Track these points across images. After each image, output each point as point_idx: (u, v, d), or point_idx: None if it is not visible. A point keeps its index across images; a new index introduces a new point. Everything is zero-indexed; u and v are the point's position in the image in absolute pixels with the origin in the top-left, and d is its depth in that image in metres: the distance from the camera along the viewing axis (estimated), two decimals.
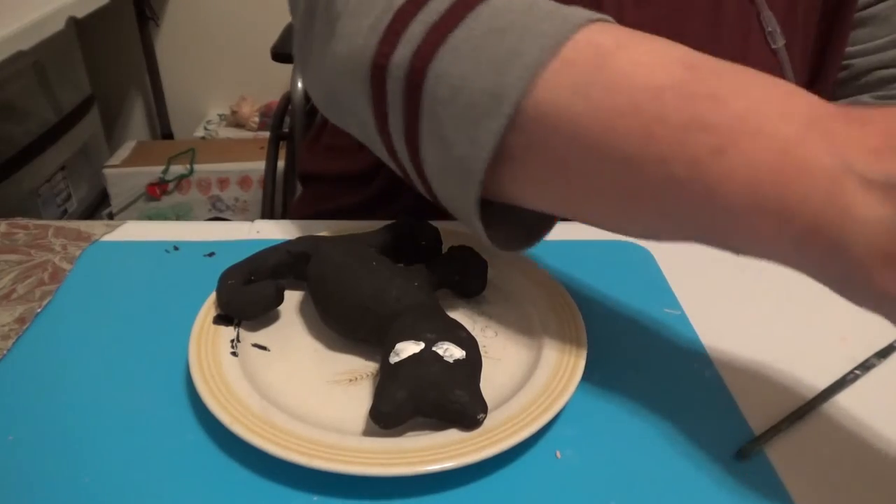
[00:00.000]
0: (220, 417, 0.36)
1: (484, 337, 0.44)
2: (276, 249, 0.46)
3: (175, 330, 0.44)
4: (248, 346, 0.43)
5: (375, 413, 0.35)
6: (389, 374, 0.36)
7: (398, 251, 0.47)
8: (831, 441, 0.39)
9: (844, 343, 0.46)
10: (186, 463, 0.36)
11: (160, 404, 0.40)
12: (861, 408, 0.41)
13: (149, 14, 2.15)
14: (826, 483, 0.36)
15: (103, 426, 0.38)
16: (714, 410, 0.40)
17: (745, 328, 0.47)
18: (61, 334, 0.45)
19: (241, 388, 0.38)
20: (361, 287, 0.41)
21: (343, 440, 0.35)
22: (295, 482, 0.35)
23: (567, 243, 0.55)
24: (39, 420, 0.39)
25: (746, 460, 0.37)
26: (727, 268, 0.53)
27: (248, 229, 0.56)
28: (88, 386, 0.41)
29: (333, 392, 0.40)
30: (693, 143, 0.30)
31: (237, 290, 0.44)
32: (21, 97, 1.68)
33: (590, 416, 0.40)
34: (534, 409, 0.37)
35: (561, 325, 0.43)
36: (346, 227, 0.52)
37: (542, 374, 0.40)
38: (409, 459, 0.34)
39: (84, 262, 0.52)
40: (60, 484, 0.35)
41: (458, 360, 0.37)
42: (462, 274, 0.46)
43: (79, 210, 1.94)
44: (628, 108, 0.32)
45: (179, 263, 0.52)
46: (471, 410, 0.36)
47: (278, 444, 0.34)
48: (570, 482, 0.36)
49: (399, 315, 0.40)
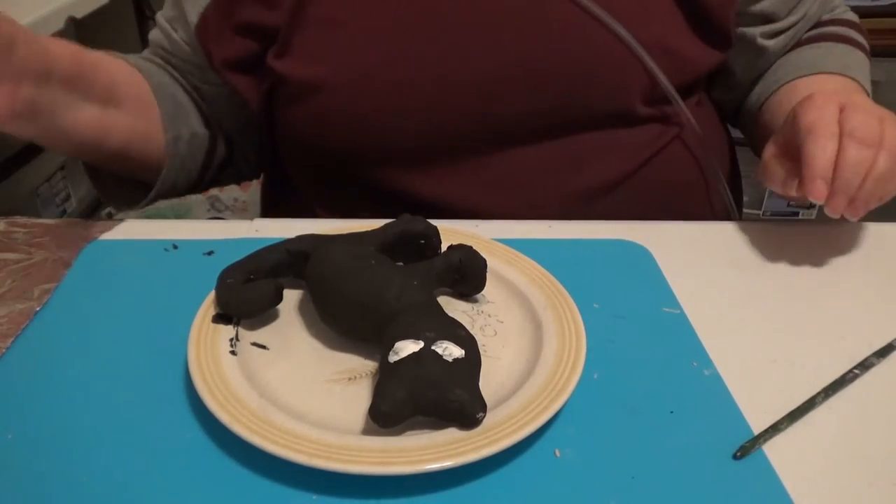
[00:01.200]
0: (219, 416, 0.36)
1: (483, 336, 0.44)
2: (276, 248, 0.46)
3: (174, 329, 0.44)
4: (248, 344, 0.43)
5: (375, 412, 0.35)
6: (389, 373, 0.36)
7: (397, 250, 0.47)
8: (830, 440, 0.39)
9: (844, 342, 0.46)
10: (185, 462, 0.36)
11: (159, 403, 0.40)
12: (860, 407, 0.41)
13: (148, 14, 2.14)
14: (825, 482, 0.36)
15: (102, 425, 0.38)
16: (713, 409, 0.40)
17: (744, 328, 0.47)
18: (60, 333, 0.45)
19: (241, 387, 0.38)
20: (361, 286, 0.41)
21: (342, 439, 0.35)
22: (294, 481, 0.35)
23: (566, 242, 0.55)
24: (38, 418, 0.39)
25: (745, 459, 0.37)
26: (726, 267, 0.53)
27: (247, 228, 0.56)
28: (87, 384, 0.41)
29: (333, 391, 0.40)
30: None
31: (236, 288, 0.44)
32: None
33: (589, 415, 0.40)
34: (533, 408, 0.37)
35: (560, 324, 0.43)
36: (345, 226, 0.52)
37: (541, 372, 0.40)
38: (409, 458, 0.34)
39: (83, 261, 0.52)
40: (59, 482, 0.35)
41: (457, 359, 0.37)
42: (461, 273, 0.46)
43: (78, 210, 1.94)
44: None
45: (178, 262, 0.52)
46: (470, 409, 0.36)
47: (277, 442, 0.34)
48: (570, 481, 0.36)
49: (398, 314, 0.40)
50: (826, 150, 0.48)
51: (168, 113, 0.64)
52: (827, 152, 0.48)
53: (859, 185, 0.48)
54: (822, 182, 0.48)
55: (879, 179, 0.48)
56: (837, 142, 0.48)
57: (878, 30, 1.23)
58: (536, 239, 0.54)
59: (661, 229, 0.57)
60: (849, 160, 0.48)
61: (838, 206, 0.48)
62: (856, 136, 0.48)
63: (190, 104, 0.68)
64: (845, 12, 0.74)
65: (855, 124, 0.49)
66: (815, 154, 0.48)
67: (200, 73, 0.68)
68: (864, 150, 0.48)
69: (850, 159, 0.48)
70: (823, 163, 0.48)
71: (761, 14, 0.67)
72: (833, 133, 0.49)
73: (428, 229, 0.47)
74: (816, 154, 0.48)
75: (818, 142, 0.48)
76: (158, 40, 0.70)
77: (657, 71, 0.60)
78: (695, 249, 0.55)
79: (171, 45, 0.68)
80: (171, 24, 0.68)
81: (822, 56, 0.68)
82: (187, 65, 0.68)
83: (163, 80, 0.66)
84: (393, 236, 0.47)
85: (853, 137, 0.48)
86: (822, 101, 0.51)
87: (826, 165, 0.48)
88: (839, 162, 0.48)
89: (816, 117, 0.50)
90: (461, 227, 0.53)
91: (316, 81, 0.60)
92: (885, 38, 1.22)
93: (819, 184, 0.48)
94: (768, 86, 0.69)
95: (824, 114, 0.50)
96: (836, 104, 0.51)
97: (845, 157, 0.48)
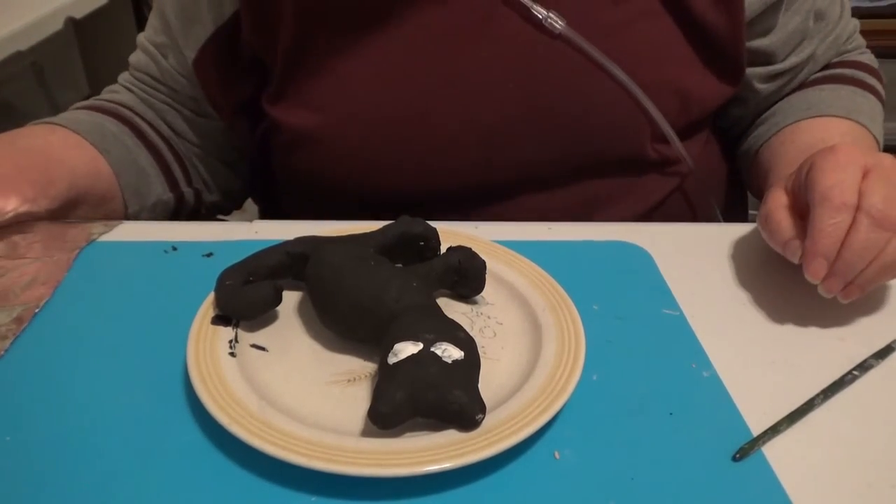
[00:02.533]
0: (218, 418, 0.36)
1: (482, 337, 0.44)
2: (275, 250, 0.46)
3: (173, 330, 0.44)
4: (247, 346, 0.42)
5: (374, 413, 0.35)
6: (388, 375, 0.36)
7: (397, 252, 0.47)
8: (829, 442, 0.39)
9: (843, 344, 0.46)
10: (184, 464, 0.36)
11: (158, 405, 0.40)
12: (859, 408, 0.41)
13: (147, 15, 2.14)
14: (824, 483, 0.36)
15: (101, 427, 0.38)
16: (712, 411, 0.40)
17: (743, 329, 0.47)
18: (59, 335, 0.45)
19: (240, 389, 0.38)
20: (360, 288, 0.41)
21: (341, 441, 0.35)
22: (293, 483, 0.35)
23: (565, 244, 0.55)
24: (37, 421, 0.39)
25: (745, 460, 0.37)
26: (725, 269, 0.53)
27: (246, 230, 0.56)
28: (86, 387, 0.41)
29: (332, 392, 0.40)
30: None
31: (235, 290, 0.44)
32: (19, 98, 1.67)
33: (588, 416, 0.40)
34: (532, 410, 0.37)
35: (559, 325, 0.43)
36: (344, 227, 0.52)
37: (541, 374, 0.40)
38: (408, 460, 0.34)
39: (82, 263, 0.52)
40: (58, 485, 0.35)
41: (456, 361, 0.37)
42: (460, 274, 0.46)
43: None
44: None
45: (178, 264, 0.52)
46: (469, 411, 0.36)
47: (277, 444, 0.34)
48: (569, 482, 0.36)
49: (397, 316, 0.40)
50: (837, 226, 0.43)
51: (130, 186, 0.62)
52: (837, 229, 0.43)
53: (862, 269, 0.43)
54: (824, 261, 0.43)
55: (885, 266, 0.44)
56: (851, 215, 0.43)
57: (878, 30, 1.23)
58: (536, 241, 0.54)
59: (660, 231, 0.57)
60: (857, 242, 0.43)
61: (832, 288, 0.44)
62: (873, 214, 0.42)
63: (154, 169, 0.65)
64: (861, 54, 0.70)
65: (875, 200, 0.43)
66: (822, 228, 0.43)
67: (194, 104, 0.66)
68: (877, 231, 0.43)
69: (859, 242, 0.43)
70: (830, 241, 0.43)
71: (761, 52, 0.64)
72: (849, 205, 0.43)
73: (427, 231, 0.47)
74: (825, 228, 0.43)
75: (830, 214, 0.43)
76: (143, 65, 0.67)
77: (660, 117, 0.58)
78: (694, 251, 0.55)
79: (162, 74, 0.66)
80: (159, 50, 0.65)
81: (825, 98, 0.64)
82: (179, 95, 0.66)
83: (122, 151, 0.63)
84: (392, 238, 0.47)
85: (870, 215, 0.43)
86: (846, 160, 0.45)
87: (832, 243, 0.43)
88: (847, 241, 0.43)
89: (834, 182, 0.44)
90: (460, 229, 0.53)
91: (312, 131, 0.59)
92: (885, 38, 1.22)
93: (819, 262, 0.43)
94: (768, 128, 0.65)
95: (844, 177, 0.44)
96: (859, 166, 0.45)
97: (855, 237, 0.43)
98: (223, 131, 0.68)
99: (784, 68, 0.65)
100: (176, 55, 0.65)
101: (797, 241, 0.46)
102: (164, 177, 0.66)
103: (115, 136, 0.63)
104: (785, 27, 0.63)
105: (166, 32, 0.64)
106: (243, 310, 0.43)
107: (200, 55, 0.63)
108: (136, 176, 0.63)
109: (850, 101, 0.64)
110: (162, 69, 0.66)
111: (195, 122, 0.68)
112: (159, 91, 0.67)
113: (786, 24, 0.63)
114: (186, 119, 0.68)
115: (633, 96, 0.57)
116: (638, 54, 0.57)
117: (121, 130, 0.64)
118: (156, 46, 0.66)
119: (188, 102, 0.67)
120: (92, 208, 0.59)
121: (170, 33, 0.64)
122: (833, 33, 0.66)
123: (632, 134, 0.59)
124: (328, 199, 0.63)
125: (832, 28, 0.66)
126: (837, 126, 0.62)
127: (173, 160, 0.67)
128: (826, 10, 0.65)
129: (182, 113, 0.67)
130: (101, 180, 0.60)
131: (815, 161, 0.46)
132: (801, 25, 0.63)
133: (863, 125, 0.62)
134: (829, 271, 0.44)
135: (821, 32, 0.66)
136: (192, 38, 0.63)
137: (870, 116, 0.63)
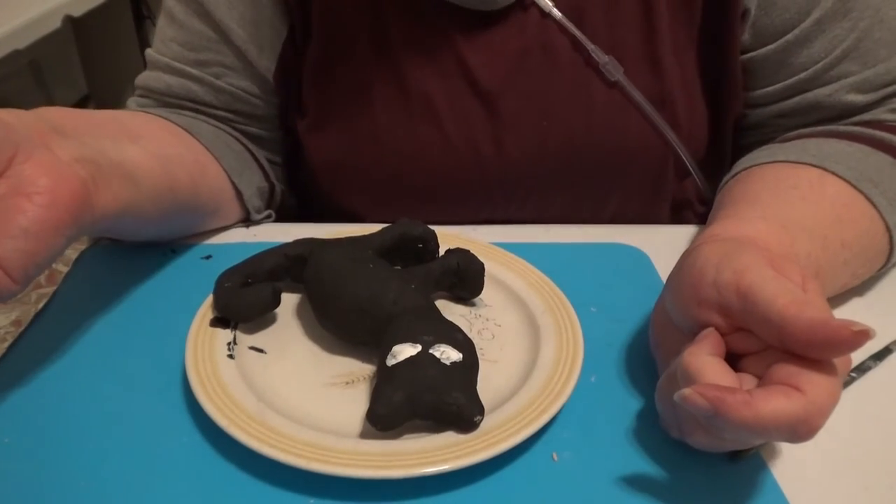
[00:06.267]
0: (216, 420, 0.36)
1: (481, 339, 0.44)
2: (273, 252, 0.46)
3: (172, 333, 0.44)
4: (245, 348, 0.43)
5: (372, 415, 0.35)
6: (386, 377, 0.36)
7: (395, 254, 0.47)
8: (827, 443, 0.39)
9: None
10: (183, 466, 0.36)
11: (156, 407, 0.40)
12: (857, 410, 0.41)
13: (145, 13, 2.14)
14: (821, 485, 0.36)
15: (99, 429, 0.38)
16: None
17: None
18: (58, 337, 0.45)
19: (238, 391, 0.38)
20: (358, 290, 0.41)
21: (340, 442, 0.35)
22: (292, 485, 0.35)
23: (563, 246, 0.55)
24: (35, 423, 0.39)
25: (742, 461, 0.37)
26: None
27: (245, 232, 0.56)
28: (85, 389, 0.41)
29: (330, 394, 0.40)
30: None
31: (234, 292, 0.44)
32: (17, 96, 1.67)
33: (586, 418, 0.40)
34: (531, 412, 0.37)
35: (557, 327, 0.43)
36: (343, 230, 0.52)
37: (539, 376, 0.40)
38: (406, 462, 0.34)
39: (81, 265, 0.52)
40: (57, 487, 0.35)
41: (454, 363, 0.37)
42: (459, 276, 0.46)
43: None
44: None
45: (176, 266, 0.52)
46: (468, 413, 0.36)
47: (275, 446, 0.34)
48: (567, 484, 0.36)
49: (396, 318, 0.40)
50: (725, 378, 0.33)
51: (234, 169, 0.55)
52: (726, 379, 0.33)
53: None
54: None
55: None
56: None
57: None
58: (534, 243, 0.54)
59: (658, 233, 0.57)
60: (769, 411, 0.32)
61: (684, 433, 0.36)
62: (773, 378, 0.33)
63: (247, 154, 0.60)
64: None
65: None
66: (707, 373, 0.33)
67: (258, 122, 0.60)
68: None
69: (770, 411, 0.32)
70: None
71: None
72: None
73: (426, 233, 0.47)
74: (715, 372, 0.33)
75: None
76: (173, 90, 0.57)
77: (692, 165, 0.58)
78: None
79: (217, 98, 0.57)
80: (212, 75, 0.57)
81: (794, 147, 0.51)
82: (241, 117, 0.59)
83: (216, 137, 0.56)
84: (391, 240, 0.47)
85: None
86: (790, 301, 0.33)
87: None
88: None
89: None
90: (459, 231, 0.53)
91: (340, 158, 0.58)
92: None
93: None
94: (736, 166, 0.55)
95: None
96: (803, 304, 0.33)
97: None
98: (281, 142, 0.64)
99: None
100: (243, 74, 0.57)
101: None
102: (255, 163, 0.60)
103: (198, 126, 0.56)
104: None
105: (217, 46, 0.56)
106: (242, 312, 0.43)
107: (282, 63, 0.57)
108: (237, 160, 0.57)
109: (822, 148, 0.50)
110: (218, 90, 0.58)
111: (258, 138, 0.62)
112: (199, 115, 0.59)
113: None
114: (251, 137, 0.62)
115: (667, 139, 0.57)
116: (674, 102, 0.56)
117: (198, 123, 0.57)
118: (194, 65, 0.57)
119: (240, 121, 0.60)
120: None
121: (231, 45, 0.56)
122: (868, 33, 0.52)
123: (659, 172, 0.59)
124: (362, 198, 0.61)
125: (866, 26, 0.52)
126: (788, 177, 0.48)
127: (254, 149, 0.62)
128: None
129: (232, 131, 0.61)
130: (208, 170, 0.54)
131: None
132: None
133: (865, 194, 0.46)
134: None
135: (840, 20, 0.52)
136: (266, 45, 0.56)
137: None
